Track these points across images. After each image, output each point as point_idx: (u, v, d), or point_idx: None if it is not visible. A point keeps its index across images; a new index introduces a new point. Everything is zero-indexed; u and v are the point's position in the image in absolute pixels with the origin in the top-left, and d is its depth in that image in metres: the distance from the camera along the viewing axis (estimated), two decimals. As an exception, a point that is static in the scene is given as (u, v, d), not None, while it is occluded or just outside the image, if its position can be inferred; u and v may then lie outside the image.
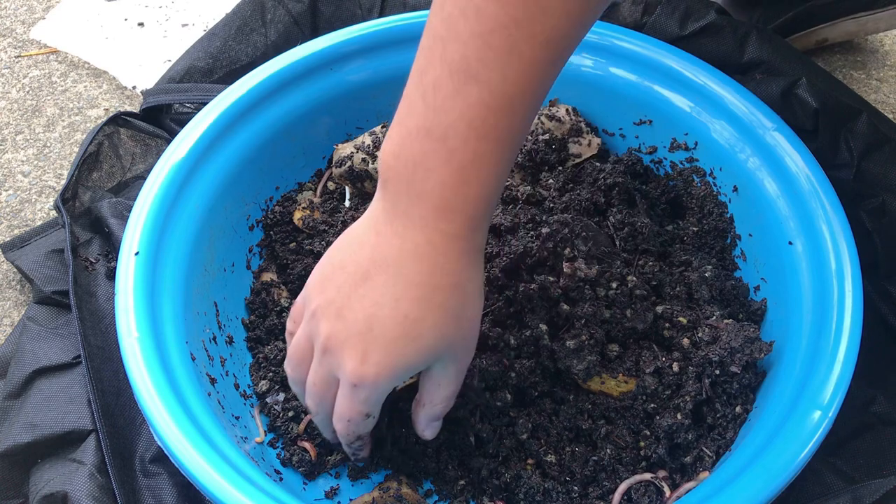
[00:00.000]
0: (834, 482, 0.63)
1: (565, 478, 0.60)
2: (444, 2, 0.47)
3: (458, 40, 0.46)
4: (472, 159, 0.47)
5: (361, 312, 0.50)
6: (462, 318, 0.52)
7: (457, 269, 0.50)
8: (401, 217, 0.50)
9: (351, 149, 0.74)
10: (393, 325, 0.50)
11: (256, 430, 0.65)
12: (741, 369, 0.61)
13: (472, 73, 0.46)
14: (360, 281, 0.51)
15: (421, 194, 0.49)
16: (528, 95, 0.47)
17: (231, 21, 0.92)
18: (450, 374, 0.54)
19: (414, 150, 0.48)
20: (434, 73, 0.47)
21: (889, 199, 0.70)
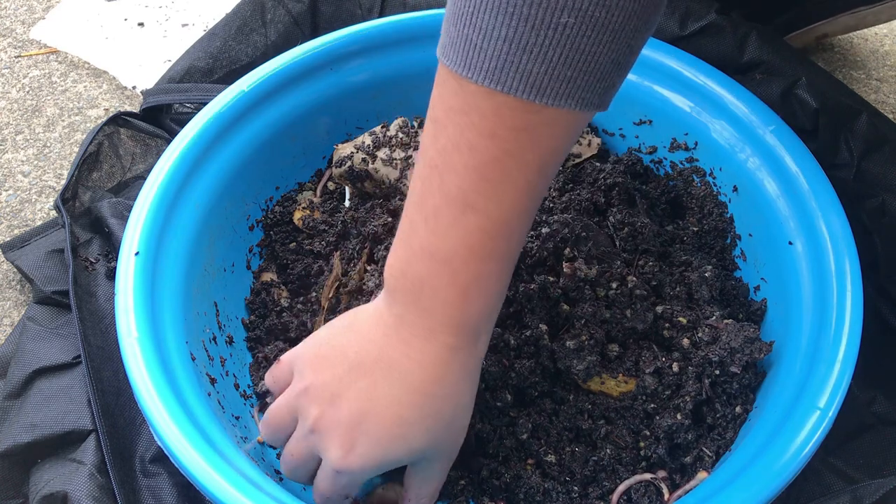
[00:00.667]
0: (834, 482, 0.63)
1: (565, 478, 0.60)
2: (437, 133, 0.48)
3: (454, 172, 0.47)
4: (474, 279, 0.50)
5: (356, 404, 0.52)
6: (453, 426, 0.54)
7: (455, 381, 0.52)
8: (408, 326, 0.52)
9: (351, 149, 0.74)
10: (386, 424, 0.52)
11: (256, 431, 0.65)
12: (741, 369, 0.61)
13: (470, 202, 0.48)
14: (361, 375, 0.52)
15: (428, 310, 0.51)
16: (523, 216, 0.49)
17: (231, 21, 0.92)
18: (434, 471, 0.56)
19: (419, 270, 0.50)
20: (433, 202, 0.49)
21: (889, 199, 0.70)
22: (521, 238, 0.51)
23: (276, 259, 0.74)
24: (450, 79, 0.47)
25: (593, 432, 0.62)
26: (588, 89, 0.45)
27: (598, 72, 0.44)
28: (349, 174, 0.74)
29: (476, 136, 0.46)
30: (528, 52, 0.43)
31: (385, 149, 0.74)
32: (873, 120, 0.72)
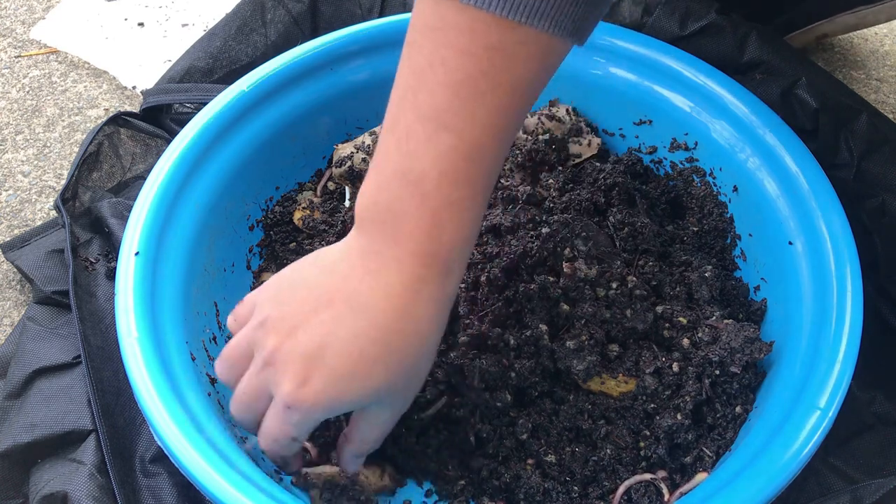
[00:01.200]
0: (834, 482, 0.63)
1: (565, 478, 0.60)
2: (412, 53, 0.48)
3: (427, 91, 0.47)
4: (445, 204, 0.48)
5: (316, 337, 0.50)
6: (413, 368, 0.52)
7: (423, 317, 0.50)
8: (375, 255, 0.50)
9: (351, 149, 0.74)
10: (344, 359, 0.49)
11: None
12: (741, 369, 0.61)
13: (442, 121, 0.47)
14: (323, 306, 0.50)
15: (396, 236, 0.49)
16: (496, 141, 0.48)
17: (231, 21, 0.92)
18: (384, 418, 0.54)
19: (390, 195, 0.49)
20: (406, 122, 0.48)
21: (889, 199, 0.70)
22: (494, 165, 0.49)
23: (277, 259, 0.74)
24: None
25: (593, 432, 0.62)
26: (561, 11, 0.45)
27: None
28: (349, 174, 0.74)
29: (450, 53, 0.46)
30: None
31: (385, 149, 0.74)
32: (873, 120, 0.72)
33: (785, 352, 0.62)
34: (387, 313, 0.49)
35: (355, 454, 0.57)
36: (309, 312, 0.51)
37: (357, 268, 0.50)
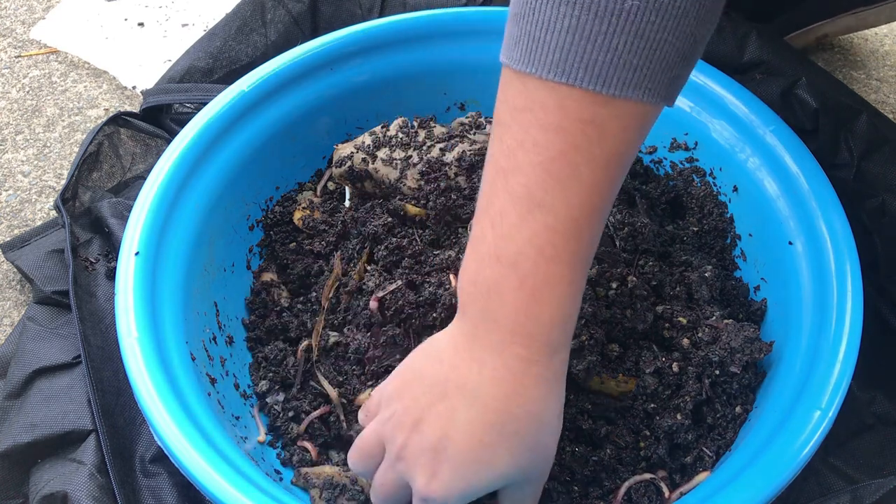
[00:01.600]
0: (834, 482, 0.63)
1: (566, 477, 0.60)
2: (502, 134, 0.47)
3: (519, 171, 0.46)
4: (543, 283, 0.48)
5: (437, 429, 0.50)
6: (538, 446, 0.51)
7: (533, 397, 0.50)
8: (479, 340, 0.50)
9: (351, 149, 0.74)
10: (465, 448, 0.50)
11: (256, 430, 0.65)
12: (741, 369, 0.61)
13: (536, 200, 0.46)
14: (438, 398, 0.51)
15: (497, 319, 0.49)
16: (593, 216, 0.47)
17: (231, 21, 0.92)
18: (525, 495, 0.54)
19: (487, 277, 0.49)
20: (499, 204, 0.47)
21: (889, 199, 0.70)
22: (592, 241, 0.49)
23: (277, 259, 0.74)
24: (513, 79, 0.46)
25: (594, 432, 0.62)
26: (654, 79, 0.44)
27: (664, 60, 0.43)
28: (349, 174, 0.74)
29: (540, 132, 0.45)
30: (592, 41, 0.43)
31: (385, 149, 0.74)
32: (873, 120, 0.72)
33: (785, 352, 0.62)
34: (497, 400, 0.49)
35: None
36: (427, 405, 0.51)
37: (463, 355, 0.51)
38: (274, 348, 0.68)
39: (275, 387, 0.67)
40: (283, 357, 0.67)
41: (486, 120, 0.77)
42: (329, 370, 0.65)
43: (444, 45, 0.78)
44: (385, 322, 0.63)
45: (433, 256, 0.66)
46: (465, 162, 0.72)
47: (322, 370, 0.66)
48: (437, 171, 0.72)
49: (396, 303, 0.63)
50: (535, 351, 0.49)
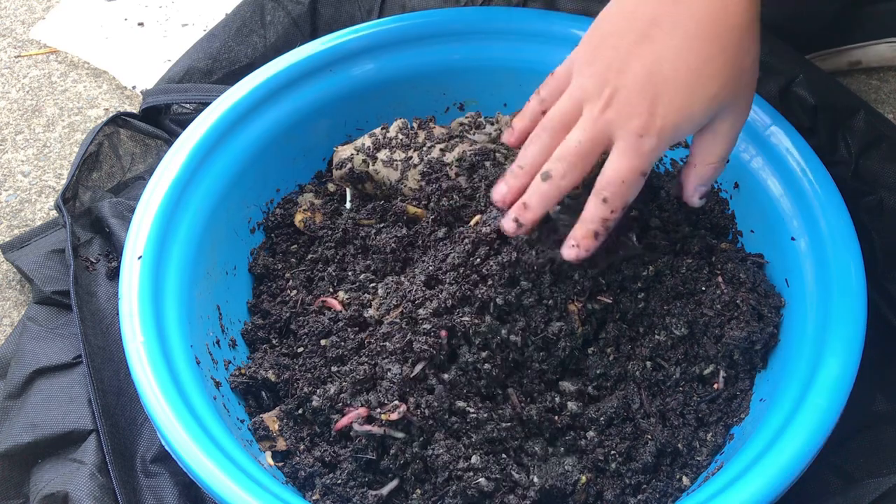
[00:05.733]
0: (834, 481, 0.63)
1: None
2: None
3: None
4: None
5: (645, 68, 0.52)
6: (742, 65, 0.53)
7: (737, 13, 0.51)
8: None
9: (351, 150, 0.74)
10: (675, 77, 0.52)
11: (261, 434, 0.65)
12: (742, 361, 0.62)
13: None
14: (637, 41, 0.53)
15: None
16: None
17: (231, 22, 0.92)
18: (725, 130, 0.55)
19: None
20: None
21: (887, 196, 0.70)
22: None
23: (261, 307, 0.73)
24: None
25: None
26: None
27: None
28: (350, 176, 0.74)
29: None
30: None
31: (385, 150, 0.74)
32: (871, 118, 0.72)
33: (788, 350, 0.62)
34: (701, 23, 0.51)
35: (701, 179, 0.58)
36: (628, 52, 0.53)
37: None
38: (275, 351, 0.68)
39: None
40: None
41: (485, 120, 0.77)
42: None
43: (444, 45, 0.78)
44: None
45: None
46: (466, 162, 0.72)
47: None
48: (438, 171, 0.72)
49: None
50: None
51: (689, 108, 0.52)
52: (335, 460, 0.61)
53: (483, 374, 0.60)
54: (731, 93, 0.53)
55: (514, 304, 0.62)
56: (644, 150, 0.53)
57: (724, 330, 0.63)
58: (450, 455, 0.58)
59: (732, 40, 0.52)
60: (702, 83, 0.52)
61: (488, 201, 0.69)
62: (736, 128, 0.55)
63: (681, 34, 0.51)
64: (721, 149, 0.56)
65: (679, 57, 0.52)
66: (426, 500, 0.59)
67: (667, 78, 0.52)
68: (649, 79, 0.52)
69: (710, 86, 0.52)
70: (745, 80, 0.54)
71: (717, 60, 0.52)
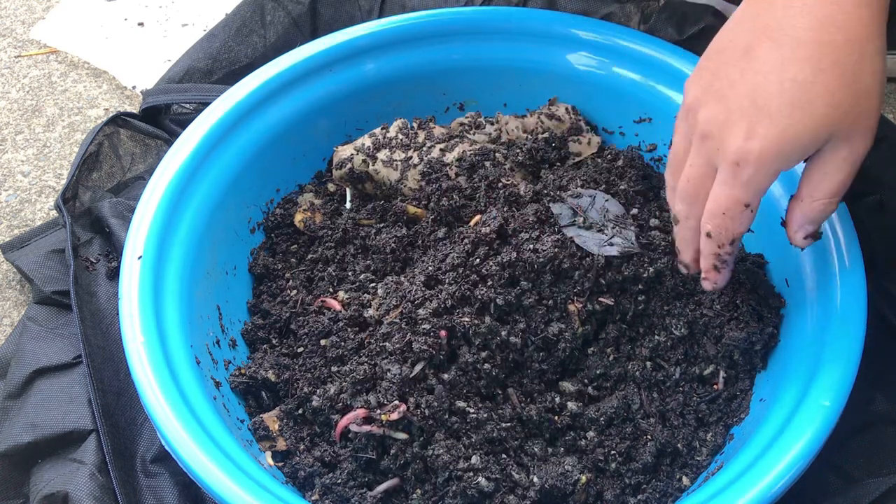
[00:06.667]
0: (834, 481, 0.63)
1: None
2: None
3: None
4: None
5: (743, 87, 0.46)
6: (859, 83, 0.46)
7: (852, 22, 0.45)
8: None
9: (351, 150, 0.74)
10: (779, 92, 0.45)
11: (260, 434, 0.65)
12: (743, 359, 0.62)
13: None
14: (740, 57, 0.47)
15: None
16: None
17: (230, 22, 0.92)
18: (839, 160, 0.48)
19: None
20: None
21: (887, 196, 0.70)
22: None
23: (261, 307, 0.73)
24: None
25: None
26: None
27: None
28: (350, 176, 0.74)
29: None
30: None
31: (385, 150, 0.74)
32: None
33: (789, 349, 0.62)
34: (809, 28, 0.45)
35: (807, 218, 0.51)
36: (728, 71, 0.47)
37: (761, 6, 0.46)
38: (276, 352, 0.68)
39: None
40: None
41: (485, 120, 0.77)
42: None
43: (444, 45, 0.78)
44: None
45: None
46: (466, 162, 0.72)
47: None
48: (438, 171, 0.72)
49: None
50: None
51: (791, 129, 0.45)
52: (335, 460, 0.61)
53: (483, 375, 0.60)
54: (844, 116, 0.46)
55: (514, 304, 0.62)
56: (742, 178, 0.47)
57: (724, 330, 0.63)
58: (450, 455, 0.58)
59: (849, 55, 0.45)
60: (808, 100, 0.45)
61: (488, 201, 0.69)
62: (850, 161, 0.48)
63: (788, 43, 0.45)
64: (832, 184, 0.49)
65: (784, 69, 0.45)
66: (426, 500, 0.59)
67: (768, 95, 0.45)
68: (749, 99, 0.46)
69: (818, 104, 0.45)
70: (864, 104, 0.46)
71: (828, 75, 0.45)
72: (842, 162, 0.48)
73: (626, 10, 0.82)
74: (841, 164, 0.48)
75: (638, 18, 0.81)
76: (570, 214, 0.65)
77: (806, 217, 0.51)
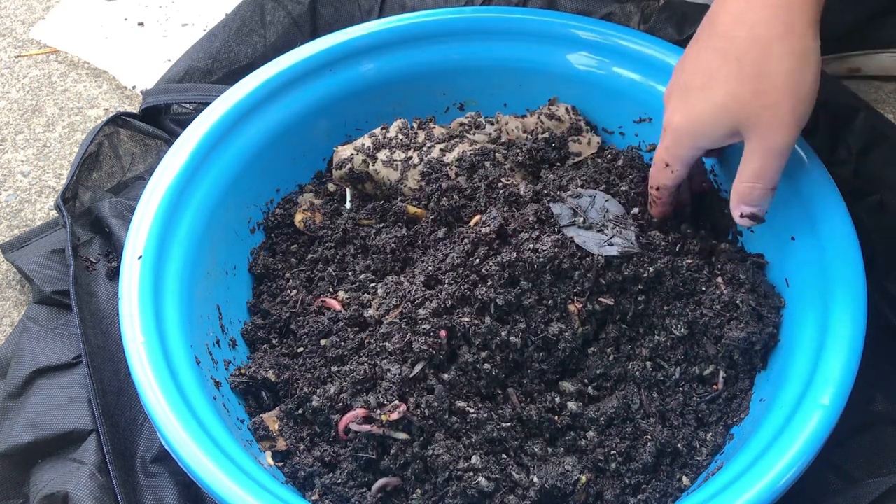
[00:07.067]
0: (834, 481, 0.63)
1: None
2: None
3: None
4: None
5: (682, 70, 0.55)
6: (761, 79, 0.49)
7: (759, 20, 0.48)
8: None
9: (351, 150, 0.74)
10: (694, 76, 0.52)
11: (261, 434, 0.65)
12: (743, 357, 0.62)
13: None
14: (693, 42, 0.55)
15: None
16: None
17: (231, 22, 0.92)
18: (752, 149, 0.53)
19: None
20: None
21: (887, 196, 0.70)
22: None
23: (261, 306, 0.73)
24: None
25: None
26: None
27: None
28: (350, 176, 0.74)
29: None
30: None
31: (385, 150, 0.74)
32: (871, 118, 0.72)
33: (789, 348, 0.62)
34: (724, 24, 0.50)
35: (741, 198, 0.57)
36: (685, 55, 0.56)
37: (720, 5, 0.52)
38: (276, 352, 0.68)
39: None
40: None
41: (485, 120, 0.77)
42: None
43: (444, 45, 0.78)
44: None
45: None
46: (466, 162, 0.72)
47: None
48: (438, 171, 0.72)
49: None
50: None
51: (696, 110, 0.53)
52: (335, 460, 0.61)
53: (483, 375, 0.60)
54: (743, 107, 0.50)
55: (514, 304, 0.62)
56: (666, 143, 0.55)
57: (724, 330, 0.63)
58: (450, 455, 0.58)
59: (750, 52, 0.49)
60: (709, 86, 0.51)
61: (488, 201, 0.69)
62: (761, 151, 0.52)
63: (706, 34, 0.52)
64: (750, 170, 0.54)
65: (698, 57, 0.52)
66: (426, 500, 0.59)
67: (692, 76, 0.53)
68: (684, 77, 0.54)
69: (717, 91, 0.51)
70: (768, 100, 0.50)
71: (731, 67, 0.50)
72: (754, 151, 0.53)
73: (626, 10, 0.82)
74: (754, 153, 0.53)
75: (638, 18, 0.81)
76: (570, 214, 0.65)
77: (738, 196, 0.56)
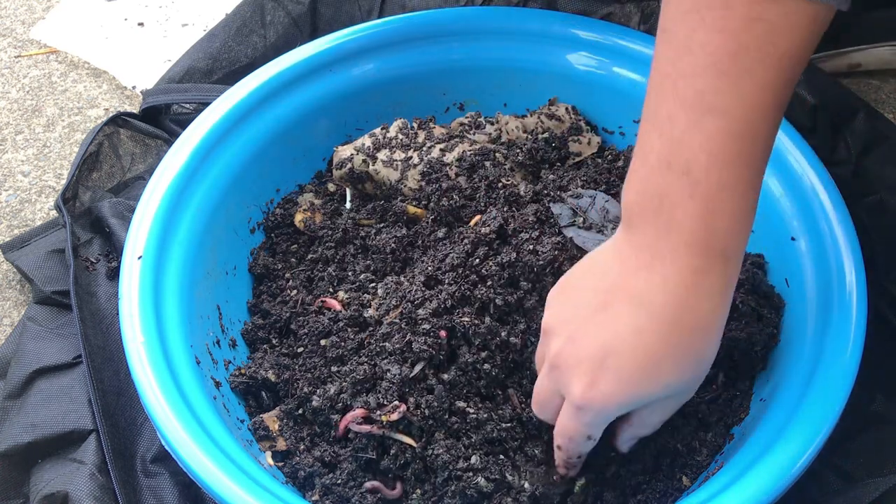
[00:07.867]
0: (834, 481, 0.63)
1: None
2: (667, 40, 0.46)
3: (688, 76, 0.45)
4: (717, 189, 0.46)
5: (598, 338, 0.49)
6: (701, 363, 0.50)
7: (705, 310, 0.48)
8: (648, 249, 0.48)
9: (351, 150, 0.74)
10: (630, 358, 0.49)
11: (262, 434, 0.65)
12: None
13: (707, 104, 0.45)
14: (599, 308, 0.50)
15: (668, 227, 0.47)
16: (767, 117, 0.46)
17: (231, 22, 0.92)
18: (669, 406, 0.54)
19: (657, 185, 0.47)
20: (667, 110, 0.46)
21: (887, 196, 0.70)
22: (766, 146, 0.46)
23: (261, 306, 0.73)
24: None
25: None
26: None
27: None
28: (350, 176, 0.74)
29: (707, 34, 0.44)
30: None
31: (385, 150, 0.74)
32: (871, 118, 0.72)
33: (789, 349, 0.62)
34: (666, 308, 0.48)
35: (633, 436, 0.57)
36: (587, 316, 0.50)
37: (630, 263, 0.49)
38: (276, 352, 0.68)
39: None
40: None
41: (485, 120, 0.77)
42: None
43: (444, 45, 0.78)
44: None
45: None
46: (466, 162, 0.72)
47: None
48: (438, 171, 0.72)
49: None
50: (708, 261, 0.47)
51: (636, 393, 0.50)
52: (335, 460, 0.61)
53: (483, 375, 0.60)
54: (685, 384, 0.51)
55: (514, 304, 0.62)
56: (584, 420, 0.52)
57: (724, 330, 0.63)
58: (449, 455, 0.58)
59: (697, 338, 0.49)
60: (654, 372, 0.49)
61: (488, 201, 0.69)
62: (675, 407, 0.54)
63: (647, 315, 0.48)
64: (657, 419, 0.55)
65: (639, 339, 0.48)
66: (426, 500, 0.59)
67: (620, 358, 0.49)
68: (600, 351, 0.49)
69: (662, 376, 0.49)
70: (702, 372, 0.51)
71: (678, 351, 0.49)
72: (670, 407, 0.54)
73: (626, 10, 0.82)
74: (668, 408, 0.54)
75: (638, 18, 0.81)
76: (570, 215, 0.65)
77: (632, 436, 0.57)
